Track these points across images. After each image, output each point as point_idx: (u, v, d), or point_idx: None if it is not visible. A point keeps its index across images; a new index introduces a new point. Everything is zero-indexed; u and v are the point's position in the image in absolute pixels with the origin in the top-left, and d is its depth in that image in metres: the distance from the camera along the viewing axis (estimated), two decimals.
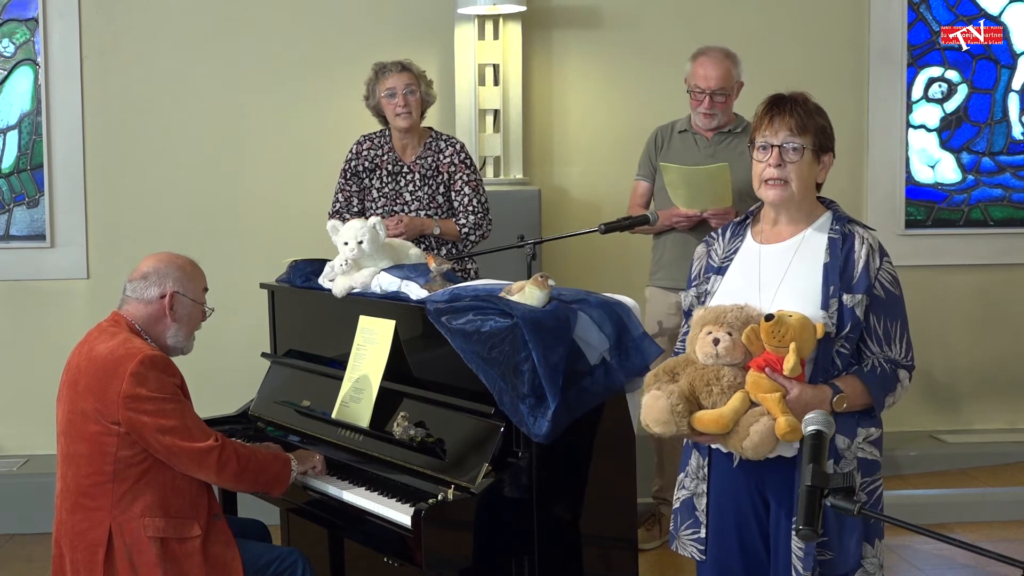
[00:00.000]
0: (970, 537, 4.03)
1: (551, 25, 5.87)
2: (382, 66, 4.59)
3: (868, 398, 2.71)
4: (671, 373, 2.76)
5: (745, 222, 2.93)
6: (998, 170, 6.30)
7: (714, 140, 4.75)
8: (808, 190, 2.80)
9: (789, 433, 2.58)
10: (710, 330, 2.70)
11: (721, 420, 2.64)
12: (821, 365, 2.69)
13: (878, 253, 2.75)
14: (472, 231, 4.55)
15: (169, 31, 5.79)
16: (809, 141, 2.75)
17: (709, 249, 2.95)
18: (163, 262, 3.35)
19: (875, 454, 2.77)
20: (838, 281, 2.71)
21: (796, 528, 2.14)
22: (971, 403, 6.18)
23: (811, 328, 2.64)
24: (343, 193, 4.66)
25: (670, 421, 2.66)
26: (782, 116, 2.76)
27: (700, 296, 2.91)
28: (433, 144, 4.62)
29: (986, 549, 2.03)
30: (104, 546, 3.11)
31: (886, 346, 2.75)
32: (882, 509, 2.79)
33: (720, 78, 4.66)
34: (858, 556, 2.72)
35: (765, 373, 2.64)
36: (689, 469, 2.89)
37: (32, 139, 5.90)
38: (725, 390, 2.68)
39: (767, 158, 2.76)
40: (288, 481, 3.35)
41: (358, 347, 3.59)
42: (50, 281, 5.81)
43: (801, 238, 2.80)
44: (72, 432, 3.18)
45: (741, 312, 2.71)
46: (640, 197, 4.88)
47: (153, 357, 3.15)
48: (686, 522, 2.90)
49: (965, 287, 6.19)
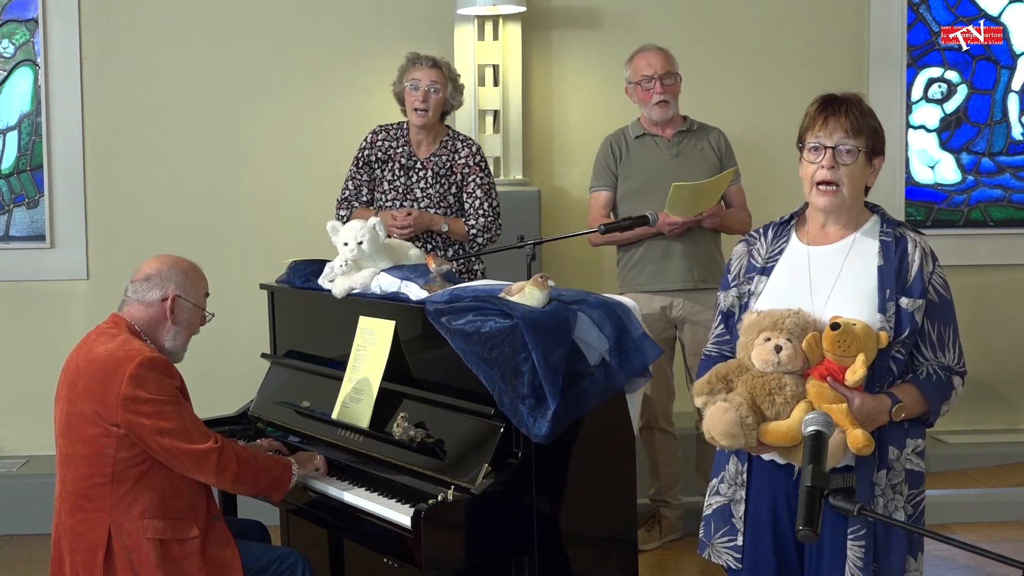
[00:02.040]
0: (970, 538, 4.03)
1: (551, 26, 5.87)
2: (415, 56, 4.57)
3: (925, 407, 2.67)
4: (725, 380, 2.68)
5: (789, 223, 2.85)
6: (998, 171, 6.29)
7: (675, 140, 4.78)
8: (858, 194, 2.74)
9: (865, 447, 2.54)
10: (768, 336, 2.62)
11: (791, 433, 2.57)
12: (878, 372, 2.63)
13: (931, 257, 2.71)
14: (480, 233, 4.54)
15: (169, 32, 5.79)
16: (863, 143, 2.70)
17: (751, 248, 2.86)
18: (166, 265, 3.34)
19: (921, 465, 2.72)
20: (894, 284, 2.65)
21: (796, 529, 2.13)
22: (971, 404, 6.16)
23: (874, 337, 2.59)
24: (353, 181, 4.64)
25: (739, 434, 2.58)
26: (837, 117, 2.69)
27: (742, 296, 2.82)
28: (449, 143, 4.61)
29: (986, 550, 2.03)
30: (103, 547, 3.10)
31: (940, 352, 2.70)
32: (924, 521, 2.74)
33: (662, 63, 4.73)
34: (902, 569, 2.69)
35: (827, 383, 2.59)
36: (726, 475, 2.81)
37: (32, 140, 5.90)
38: (789, 400, 2.60)
39: (820, 159, 2.69)
40: (289, 485, 3.35)
41: (358, 348, 3.59)
42: (50, 282, 5.81)
43: (852, 240, 2.73)
44: (71, 434, 3.17)
45: (798, 318, 2.63)
46: (603, 208, 4.85)
47: (153, 359, 3.14)
48: (721, 529, 2.81)
49: (965, 288, 6.16)
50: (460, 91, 4.63)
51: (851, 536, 2.64)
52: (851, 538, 2.64)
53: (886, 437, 2.66)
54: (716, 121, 4.91)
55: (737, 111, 4.72)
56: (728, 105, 5.71)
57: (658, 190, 4.57)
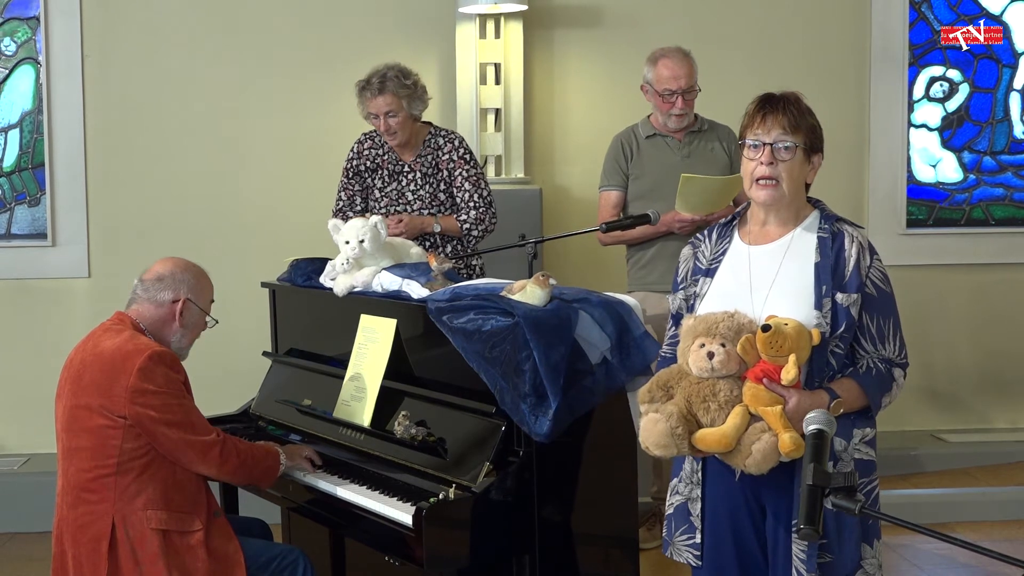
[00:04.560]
0: (971, 537, 4.02)
1: (552, 24, 5.87)
2: (363, 85, 4.48)
3: (865, 400, 2.70)
4: (665, 388, 2.71)
5: (732, 223, 2.89)
6: (999, 169, 6.29)
7: (686, 141, 4.77)
8: (798, 190, 2.77)
9: (794, 451, 2.55)
10: (703, 342, 2.65)
11: (723, 440, 2.60)
12: (816, 367, 2.66)
13: (868, 251, 2.74)
14: (474, 226, 4.54)
15: (170, 30, 5.79)
16: (801, 140, 2.73)
17: (696, 251, 2.91)
18: (179, 267, 3.40)
19: (871, 454, 2.76)
20: (830, 280, 2.68)
21: (797, 528, 2.13)
22: (972, 402, 6.17)
23: (807, 335, 2.61)
24: (346, 192, 4.65)
25: (671, 444, 2.61)
26: (775, 114, 2.73)
27: (688, 299, 2.87)
28: (432, 141, 4.60)
29: (987, 549, 2.03)
30: (107, 539, 3.12)
31: (880, 345, 2.73)
32: (879, 509, 2.77)
33: (688, 76, 4.69)
34: (857, 557, 2.71)
35: (763, 384, 2.61)
36: (683, 474, 2.85)
37: (33, 138, 5.90)
38: (723, 405, 2.63)
39: (758, 156, 2.74)
40: (277, 474, 3.42)
41: (359, 346, 3.59)
42: (51, 280, 5.81)
43: (790, 238, 2.77)
44: (74, 427, 3.19)
45: (732, 320, 2.66)
46: (613, 208, 4.83)
47: (161, 353, 3.19)
48: (680, 527, 2.85)
49: (966, 286, 6.19)
50: (421, 95, 4.52)
51: (793, 529, 2.65)
52: (793, 531, 2.65)
53: None
54: (717, 119, 4.90)
55: (738, 110, 4.67)
56: (729, 104, 5.65)
57: (668, 191, 4.55)
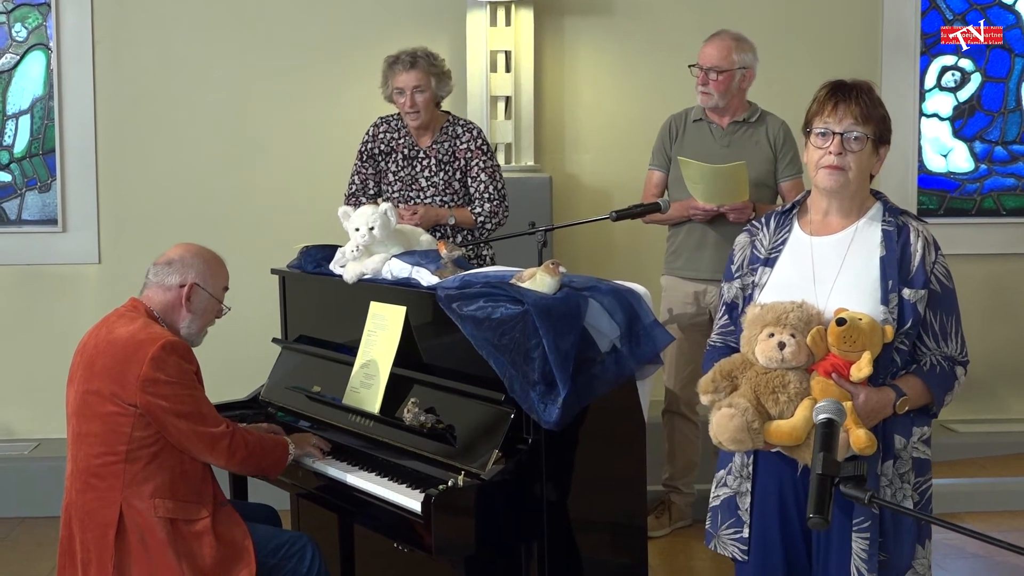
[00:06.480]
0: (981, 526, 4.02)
1: (563, 12, 5.86)
2: (393, 60, 4.52)
3: (928, 398, 2.67)
4: (729, 377, 2.67)
5: (791, 212, 2.83)
6: (1011, 159, 6.27)
7: (729, 130, 4.71)
8: (864, 181, 2.73)
9: (868, 447, 2.53)
10: (772, 331, 2.61)
11: (794, 433, 2.57)
12: (882, 364, 2.62)
13: (932, 246, 2.70)
14: (488, 219, 4.54)
15: (181, 16, 5.79)
16: (871, 131, 2.68)
17: (753, 239, 2.85)
18: (190, 252, 3.39)
19: (927, 453, 2.73)
20: (896, 275, 2.65)
21: (807, 517, 2.12)
22: (983, 392, 6.15)
23: (880, 332, 2.58)
24: (359, 175, 4.65)
25: (746, 439, 2.58)
26: (847, 103, 2.68)
27: (746, 288, 2.81)
28: (450, 129, 4.60)
29: (997, 538, 2.02)
30: (115, 526, 3.13)
31: (943, 342, 2.70)
32: (931, 509, 2.75)
33: (716, 57, 4.63)
34: (911, 557, 2.69)
35: (832, 379, 2.59)
36: (732, 467, 2.80)
37: (44, 124, 5.91)
38: (793, 398, 2.59)
39: (827, 145, 2.68)
40: (285, 464, 3.41)
41: (369, 333, 3.59)
42: (62, 266, 5.83)
43: (854, 230, 2.72)
44: (85, 412, 3.20)
45: (801, 311, 2.61)
46: (655, 187, 4.82)
47: (174, 343, 3.18)
48: (727, 521, 2.81)
49: (977, 276, 6.17)
50: (447, 79, 4.57)
51: (855, 528, 2.64)
52: (855, 530, 2.64)
53: (892, 427, 2.67)
54: None
55: (750, 98, 4.71)
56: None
57: None
